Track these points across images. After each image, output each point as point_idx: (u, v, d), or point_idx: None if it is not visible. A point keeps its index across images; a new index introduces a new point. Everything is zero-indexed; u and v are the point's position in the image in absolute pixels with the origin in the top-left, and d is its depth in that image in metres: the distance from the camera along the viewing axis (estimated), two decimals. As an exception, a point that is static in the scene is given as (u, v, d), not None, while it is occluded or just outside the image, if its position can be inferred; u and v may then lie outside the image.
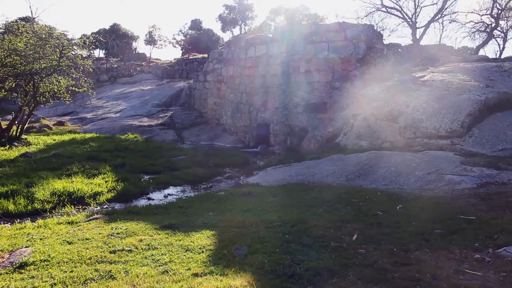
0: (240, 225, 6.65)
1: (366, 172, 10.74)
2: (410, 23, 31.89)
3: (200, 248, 5.50)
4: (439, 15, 31.32)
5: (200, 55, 45.86)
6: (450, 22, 32.82)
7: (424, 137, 12.05)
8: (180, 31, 60.66)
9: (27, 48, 16.49)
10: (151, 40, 54.94)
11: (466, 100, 12.04)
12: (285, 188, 10.49)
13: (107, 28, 54.18)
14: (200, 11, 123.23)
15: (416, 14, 31.75)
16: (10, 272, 4.99)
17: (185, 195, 11.16)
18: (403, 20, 32.59)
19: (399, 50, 19.71)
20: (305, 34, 17.52)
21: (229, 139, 22.23)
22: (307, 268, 4.61)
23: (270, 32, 26.57)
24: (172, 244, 5.72)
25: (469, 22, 32.16)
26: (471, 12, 39.48)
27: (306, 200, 8.72)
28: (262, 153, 18.15)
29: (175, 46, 58.37)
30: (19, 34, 17.33)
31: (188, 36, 56.92)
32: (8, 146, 16.00)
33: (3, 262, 5.39)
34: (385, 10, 32.87)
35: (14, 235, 6.76)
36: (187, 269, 4.76)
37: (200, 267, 4.82)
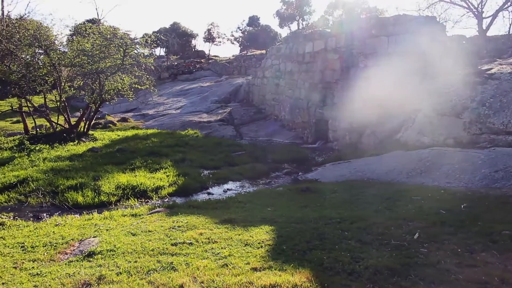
0: (298, 221, 6.66)
1: (428, 169, 10.41)
2: (476, 13, 30.43)
3: (259, 243, 5.56)
4: (509, 3, 29.65)
5: (258, 52, 46.02)
6: (521, 10, 30.87)
7: (490, 133, 11.50)
8: (238, 28, 61.07)
9: (94, 48, 17.28)
10: (209, 38, 55.64)
11: (538, 93, 11.37)
12: (344, 185, 10.37)
13: (167, 27, 55.51)
14: (258, 7, 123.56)
15: (483, 3, 30.22)
16: (80, 260, 5.31)
17: (244, 190, 11.29)
18: (468, 10, 31.16)
19: (464, 42, 18.90)
20: (364, 28, 17.14)
21: (288, 135, 22.15)
22: (367, 266, 4.55)
23: (328, 27, 26.26)
24: (231, 238, 5.82)
25: (543, 9, 30.13)
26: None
27: (365, 197, 8.60)
28: (321, 149, 17.97)
29: (233, 43, 58.69)
30: (86, 35, 18.17)
31: (246, 33, 57.30)
32: (76, 142, 16.85)
33: (73, 250, 5.74)
34: (448, 1, 31.60)
35: (83, 225, 7.17)
36: (246, 263, 4.83)
37: (259, 261, 4.87)
